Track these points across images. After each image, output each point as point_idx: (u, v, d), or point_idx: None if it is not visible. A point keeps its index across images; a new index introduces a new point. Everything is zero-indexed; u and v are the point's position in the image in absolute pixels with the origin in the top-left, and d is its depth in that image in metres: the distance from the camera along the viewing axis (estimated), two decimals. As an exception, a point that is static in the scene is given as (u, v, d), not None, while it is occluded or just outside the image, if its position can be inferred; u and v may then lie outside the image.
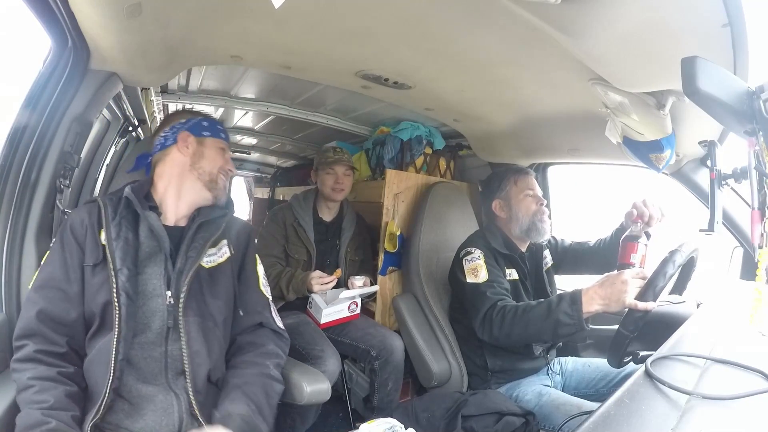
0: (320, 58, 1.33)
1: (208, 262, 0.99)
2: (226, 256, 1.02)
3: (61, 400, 0.77)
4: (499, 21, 0.92)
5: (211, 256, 0.99)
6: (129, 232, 0.91)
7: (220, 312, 0.98)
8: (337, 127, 2.25)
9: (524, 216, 1.47)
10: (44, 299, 0.85)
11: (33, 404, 0.74)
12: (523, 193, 1.50)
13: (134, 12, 0.91)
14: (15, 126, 1.00)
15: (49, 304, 0.85)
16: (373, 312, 1.91)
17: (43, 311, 0.84)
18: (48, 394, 0.76)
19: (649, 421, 0.51)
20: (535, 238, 1.48)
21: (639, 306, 0.97)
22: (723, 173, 1.13)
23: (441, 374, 1.58)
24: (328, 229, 1.83)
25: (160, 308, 0.90)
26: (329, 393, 1.10)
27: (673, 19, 0.73)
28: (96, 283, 0.87)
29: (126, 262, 0.87)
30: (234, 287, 1.02)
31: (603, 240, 1.53)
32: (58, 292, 0.86)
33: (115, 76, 1.18)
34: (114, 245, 0.88)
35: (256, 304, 1.06)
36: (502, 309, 1.26)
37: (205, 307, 0.95)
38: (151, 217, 0.94)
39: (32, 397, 0.75)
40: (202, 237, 0.98)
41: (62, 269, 0.88)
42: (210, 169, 1.03)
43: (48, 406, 0.74)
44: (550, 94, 1.33)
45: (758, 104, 0.68)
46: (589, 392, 1.38)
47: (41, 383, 0.77)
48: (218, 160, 1.05)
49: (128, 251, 0.89)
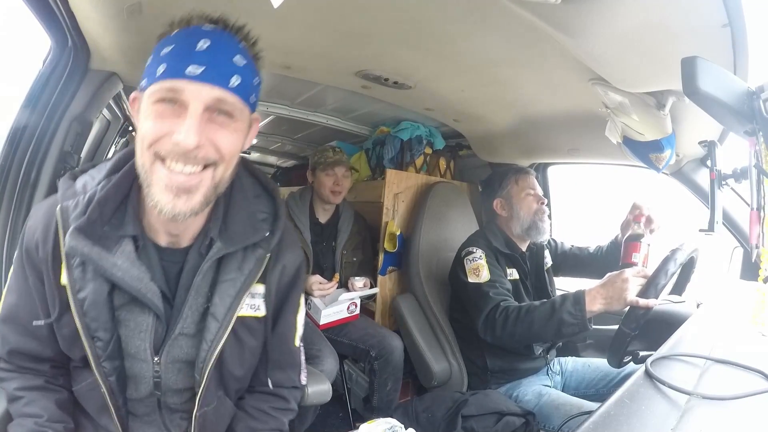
0: (320, 58, 1.33)
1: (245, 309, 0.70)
2: (261, 311, 0.72)
3: (53, 412, 0.67)
4: (499, 21, 0.92)
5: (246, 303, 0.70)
6: (98, 276, 0.63)
7: (240, 384, 0.76)
8: (337, 127, 2.24)
9: (525, 214, 1.48)
10: (14, 335, 0.69)
11: (25, 417, 0.66)
12: (525, 192, 1.51)
13: (134, 12, 0.91)
14: (15, 126, 1.00)
15: (20, 342, 0.68)
16: (373, 312, 1.91)
17: (15, 350, 0.69)
18: (38, 407, 0.67)
19: (649, 421, 0.51)
20: (535, 237, 1.48)
21: (641, 303, 0.97)
22: (723, 173, 1.13)
23: (441, 374, 1.58)
24: (324, 231, 1.80)
25: (145, 375, 0.68)
26: (330, 394, 1.09)
27: (673, 19, 0.73)
28: (66, 336, 0.66)
29: (100, 322, 0.63)
30: (260, 351, 0.76)
31: (601, 248, 1.54)
32: (27, 330, 0.68)
33: (115, 76, 1.18)
34: (78, 298, 0.62)
35: (287, 361, 0.81)
36: (505, 310, 1.26)
37: (219, 382, 0.72)
38: (116, 265, 0.62)
39: (23, 409, 0.67)
40: (231, 282, 0.67)
41: (27, 305, 0.68)
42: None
43: (44, 420, 0.66)
44: (550, 94, 1.33)
45: (758, 104, 0.68)
46: (589, 392, 1.38)
47: (29, 394, 0.68)
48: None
49: (99, 306, 0.63)
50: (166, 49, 0.60)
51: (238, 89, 0.60)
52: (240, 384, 0.77)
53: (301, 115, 2.14)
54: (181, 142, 0.57)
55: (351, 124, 2.26)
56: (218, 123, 0.60)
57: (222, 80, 0.59)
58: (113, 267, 0.62)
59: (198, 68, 0.57)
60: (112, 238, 0.63)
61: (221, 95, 0.59)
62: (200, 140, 0.58)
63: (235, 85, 0.60)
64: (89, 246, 0.61)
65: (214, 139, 0.60)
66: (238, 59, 0.61)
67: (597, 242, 1.58)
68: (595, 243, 1.59)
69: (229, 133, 0.61)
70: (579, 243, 1.67)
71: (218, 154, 0.61)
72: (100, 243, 0.62)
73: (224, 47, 0.60)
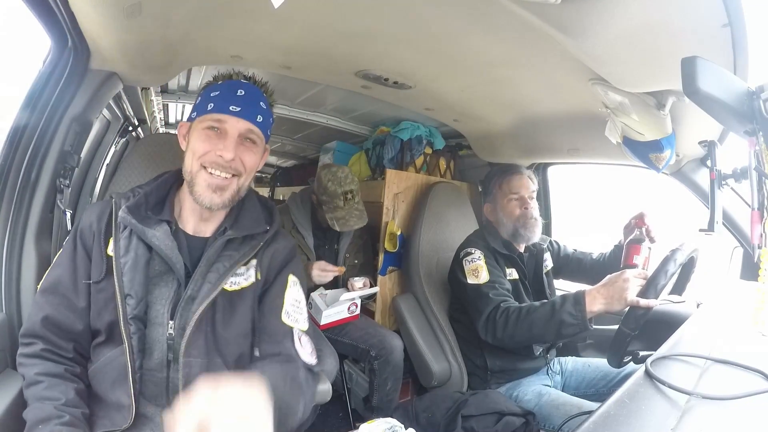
0: (320, 58, 1.33)
1: (233, 284, 0.84)
2: (251, 280, 0.87)
3: (72, 397, 0.75)
4: (499, 21, 0.92)
5: (237, 276, 0.85)
6: (140, 246, 0.81)
7: (231, 349, 0.84)
8: (337, 127, 2.25)
9: (508, 221, 1.48)
10: (50, 305, 0.81)
11: (45, 400, 0.73)
12: (507, 198, 1.50)
13: (134, 12, 0.91)
14: (15, 126, 0.99)
15: (56, 311, 0.80)
16: (373, 312, 1.91)
17: (48, 318, 0.80)
18: (58, 391, 0.74)
19: (649, 421, 0.52)
20: (521, 242, 1.48)
21: (641, 303, 0.97)
22: (723, 173, 1.13)
23: (441, 374, 1.58)
24: (326, 234, 1.79)
25: (160, 338, 0.80)
26: (330, 393, 1.10)
27: (673, 19, 0.73)
28: (101, 300, 0.81)
29: (134, 284, 0.79)
30: (253, 320, 0.87)
31: (604, 255, 1.54)
32: (65, 300, 0.81)
33: (115, 75, 1.18)
34: (122, 262, 0.79)
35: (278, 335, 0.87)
36: (505, 311, 1.26)
37: (214, 344, 0.83)
38: (156, 236, 0.81)
39: (42, 393, 0.73)
40: (229, 257, 0.84)
41: (71, 278, 0.82)
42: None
43: (61, 403, 0.73)
44: (550, 94, 1.33)
45: (758, 104, 0.68)
46: (589, 392, 1.38)
47: (50, 380, 0.75)
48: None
49: (137, 270, 0.80)
50: (214, 93, 0.85)
51: (261, 124, 0.86)
52: (233, 348, 0.85)
53: (301, 115, 2.14)
54: (224, 155, 0.82)
55: (351, 124, 2.26)
56: (246, 146, 0.85)
57: (252, 117, 0.85)
58: (153, 237, 0.81)
59: (237, 107, 0.83)
60: (152, 220, 0.84)
61: (251, 127, 0.85)
62: (235, 156, 0.83)
63: (260, 121, 0.86)
64: (135, 221, 0.81)
65: (242, 156, 0.84)
66: (262, 104, 0.87)
67: (600, 249, 1.58)
68: (598, 250, 1.59)
69: (253, 154, 0.86)
70: (582, 248, 1.67)
71: (243, 168, 0.85)
72: (144, 222, 0.82)
73: (254, 96, 0.87)
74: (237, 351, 0.85)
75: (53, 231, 1.08)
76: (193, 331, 0.79)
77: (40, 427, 0.70)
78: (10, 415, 0.76)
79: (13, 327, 0.93)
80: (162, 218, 0.85)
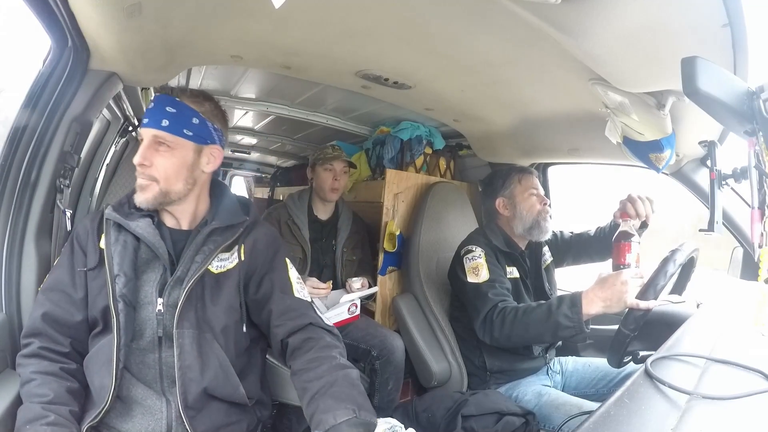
0: (320, 58, 1.33)
1: (218, 267, 0.94)
2: (235, 262, 0.97)
3: (61, 394, 0.79)
4: (499, 21, 0.92)
5: (222, 261, 0.95)
6: (128, 236, 0.90)
7: (219, 320, 0.92)
8: (337, 127, 2.24)
9: (528, 214, 1.48)
10: (50, 302, 0.87)
11: (33, 397, 0.77)
12: (528, 191, 1.51)
13: (134, 12, 0.91)
14: (15, 126, 0.99)
15: (55, 306, 0.87)
16: (373, 312, 1.91)
17: (48, 313, 0.86)
18: (48, 388, 0.78)
19: (649, 421, 0.51)
20: (537, 237, 1.48)
21: (641, 305, 0.97)
22: (723, 173, 1.13)
23: (441, 374, 1.58)
24: (324, 228, 1.82)
25: (150, 317, 0.87)
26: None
27: (673, 19, 0.73)
28: (95, 287, 0.88)
29: (123, 267, 0.86)
30: (239, 296, 0.96)
31: (602, 229, 1.55)
32: (63, 295, 0.88)
33: (115, 76, 1.18)
34: (112, 249, 0.88)
35: (299, 307, 0.98)
36: (502, 311, 1.26)
37: (204, 316, 0.91)
38: (139, 226, 0.90)
39: (33, 390, 0.78)
40: (214, 241, 0.94)
41: (69, 274, 0.90)
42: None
43: (48, 400, 0.76)
44: (550, 94, 1.33)
45: (758, 104, 0.68)
46: (589, 392, 1.38)
47: (42, 377, 0.80)
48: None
49: (126, 255, 0.88)
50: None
51: (168, 127, 0.91)
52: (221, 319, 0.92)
53: (301, 115, 2.14)
54: (135, 161, 0.91)
55: (351, 124, 2.26)
56: (160, 152, 0.91)
57: (156, 124, 0.91)
58: (137, 227, 0.90)
59: (146, 119, 0.92)
60: (135, 215, 0.93)
61: (155, 133, 0.91)
62: (142, 161, 0.90)
63: (166, 125, 0.90)
64: (119, 216, 0.91)
65: (154, 160, 0.91)
66: (168, 108, 0.91)
67: (596, 225, 1.59)
68: (594, 226, 1.59)
69: (166, 158, 0.92)
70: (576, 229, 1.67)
71: (156, 170, 0.91)
72: (128, 217, 0.91)
73: (160, 103, 0.92)
74: (224, 322, 0.93)
75: (53, 231, 1.08)
76: (184, 304, 0.87)
77: (27, 428, 0.73)
78: (10, 415, 0.77)
79: (13, 327, 0.93)
80: (143, 214, 0.94)
